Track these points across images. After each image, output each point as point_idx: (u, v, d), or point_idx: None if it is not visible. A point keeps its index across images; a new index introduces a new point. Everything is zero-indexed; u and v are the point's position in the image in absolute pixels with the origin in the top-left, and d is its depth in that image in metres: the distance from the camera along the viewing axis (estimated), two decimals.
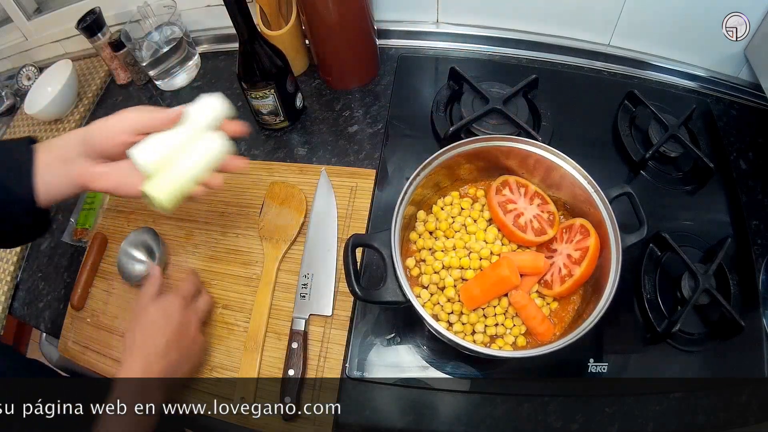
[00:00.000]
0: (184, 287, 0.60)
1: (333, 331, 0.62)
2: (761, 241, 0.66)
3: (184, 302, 0.57)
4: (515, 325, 0.54)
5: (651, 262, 0.63)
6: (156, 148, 0.50)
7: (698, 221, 0.66)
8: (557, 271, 0.55)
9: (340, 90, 0.82)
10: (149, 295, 0.57)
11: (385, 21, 0.85)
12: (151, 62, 0.83)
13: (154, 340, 0.53)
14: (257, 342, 0.62)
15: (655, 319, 0.59)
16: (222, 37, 0.91)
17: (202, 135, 0.52)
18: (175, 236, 0.70)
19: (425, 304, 0.56)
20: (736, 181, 0.70)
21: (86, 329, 0.67)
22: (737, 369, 0.58)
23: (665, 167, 0.71)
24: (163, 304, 0.56)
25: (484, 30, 0.84)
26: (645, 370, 0.58)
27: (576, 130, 0.73)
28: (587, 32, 0.80)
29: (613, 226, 0.53)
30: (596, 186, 0.54)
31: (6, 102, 0.94)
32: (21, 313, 0.73)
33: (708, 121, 0.75)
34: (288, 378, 0.58)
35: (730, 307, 0.57)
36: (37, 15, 0.91)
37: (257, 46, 0.66)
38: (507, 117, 0.70)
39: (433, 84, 0.79)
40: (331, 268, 0.65)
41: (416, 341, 0.60)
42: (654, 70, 0.80)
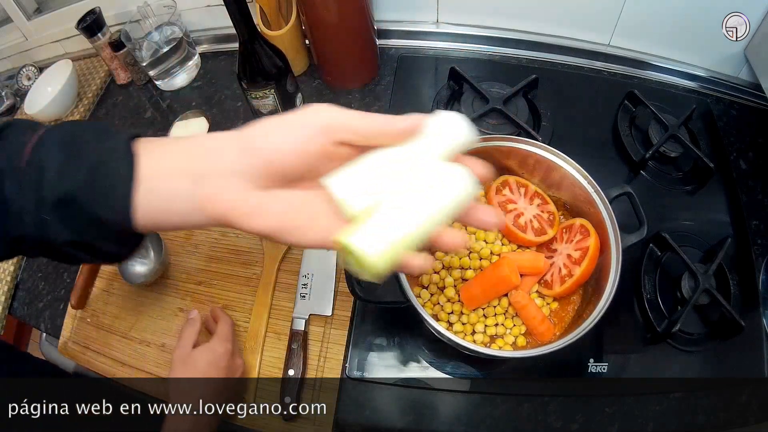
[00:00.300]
0: (224, 331, 0.59)
1: (333, 331, 0.62)
2: (761, 241, 0.66)
3: (228, 345, 0.58)
4: (515, 325, 0.54)
5: (651, 262, 0.63)
6: (368, 179, 0.32)
7: (698, 221, 0.66)
8: (557, 271, 0.55)
9: (340, 90, 0.82)
10: (192, 340, 0.57)
11: (385, 21, 0.85)
12: (151, 62, 0.83)
13: (205, 390, 0.53)
14: (257, 342, 0.62)
15: (655, 319, 0.59)
16: (222, 37, 0.90)
17: (437, 166, 0.33)
18: (175, 236, 0.70)
19: (425, 304, 0.56)
20: (736, 181, 0.70)
21: (86, 329, 0.67)
22: (737, 369, 0.58)
23: (665, 167, 0.71)
24: (211, 356, 0.56)
25: (484, 30, 0.84)
26: (645, 370, 0.58)
27: (576, 130, 0.73)
28: (587, 32, 0.80)
29: (613, 226, 0.53)
30: (596, 186, 0.54)
31: (6, 102, 0.94)
32: (21, 313, 0.73)
33: (708, 121, 0.75)
34: (288, 378, 0.58)
35: (730, 307, 0.57)
36: (37, 15, 0.91)
37: (257, 46, 0.66)
38: (507, 117, 0.70)
39: (433, 84, 0.79)
40: (331, 268, 0.65)
41: (416, 341, 0.60)
42: (654, 70, 0.80)
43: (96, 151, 0.32)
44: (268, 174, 0.31)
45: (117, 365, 0.64)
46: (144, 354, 0.64)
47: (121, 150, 0.32)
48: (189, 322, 0.59)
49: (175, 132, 0.77)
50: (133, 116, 0.86)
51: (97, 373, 0.64)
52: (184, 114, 0.78)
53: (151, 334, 0.65)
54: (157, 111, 0.85)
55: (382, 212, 0.31)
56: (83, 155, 0.32)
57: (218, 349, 0.57)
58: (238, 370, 0.58)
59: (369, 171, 0.32)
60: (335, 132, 0.31)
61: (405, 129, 0.32)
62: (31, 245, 0.34)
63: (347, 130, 0.31)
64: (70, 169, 0.31)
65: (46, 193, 0.31)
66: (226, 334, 0.59)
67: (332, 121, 0.31)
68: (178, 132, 0.77)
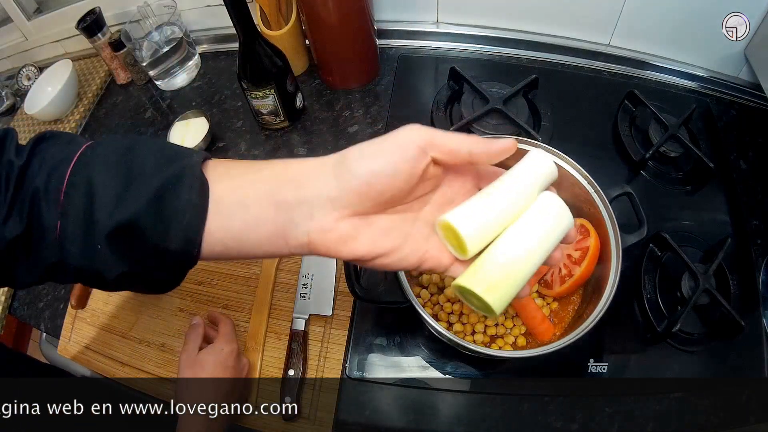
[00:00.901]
0: (227, 331, 0.59)
1: (333, 331, 0.62)
2: (761, 241, 0.66)
3: (234, 345, 0.58)
4: (515, 325, 0.55)
5: (651, 262, 0.63)
6: (484, 215, 0.32)
7: (698, 221, 0.66)
8: (557, 271, 0.55)
9: (340, 90, 0.82)
10: (197, 344, 0.57)
11: (385, 21, 0.85)
12: (151, 62, 0.83)
13: (216, 391, 0.53)
14: (257, 342, 0.62)
15: (655, 319, 0.59)
16: (222, 37, 0.91)
17: (542, 202, 0.34)
18: None
19: (425, 304, 0.56)
20: (736, 181, 0.70)
21: (86, 329, 0.67)
22: (737, 369, 0.58)
23: (665, 167, 0.71)
24: (218, 356, 0.56)
25: (484, 30, 0.84)
26: (645, 370, 0.58)
27: (576, 130, 0.73)
28: (587, 32, 0.80)
29: (613, 226, 0.53)
30: (596, 186, 0.54)
31: (6, 102, 0.94)
32: (21, 313, 0.73)
33: (708, 121, 0.75)
34: (288, 378, 0.58)
35: (730, 307, 0.57)
36: (37, 15, 0.91)
37: (257, 46, 0.66)
38: (507, 117, 0.70)
39: (433, 84, 0.79)
40: (331, 268, 0.65)
41: (416, 341, 0.60)
42: (654, 70, 0.80)
43: (159, 176, 0.29)
44: (363, 199, 0.30)
45: (117, 365, 0.64)
46: (144, 354, 0.64)
47: (190, 175, 0.29)
48: (192, 327, 0.59)
49: (175, 132, 0.77)
50: (133, 116, 0.86)
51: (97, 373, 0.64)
52: (184, 114, 0.78)
53: (151, 334, 0.65)
54: (157, 111, 0.86)
55: (499, 252, 0.32)
56: (144, 180, 0.29)
57: (225, 348, 0.56)
58: (244, 369, 0.58)
59: (484, 207, 0.33)
60: (430, 152, 0.31)
61: (500, 150, 0.32)
62: (71, 274, 0.30)
63: (441, 150, 0.31)
64: (131, 196, 0.28)
65: (98, 220, 0.28)
66: (229, 334, 0.59)
67: (427, 141, 0.31)
68: (177, 132, 0.77)
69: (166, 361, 0.63)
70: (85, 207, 0.28)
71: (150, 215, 0.28)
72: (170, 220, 0.29)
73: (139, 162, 0.30)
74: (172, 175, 0.29)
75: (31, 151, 0.30)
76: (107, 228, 0.28)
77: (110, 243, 0.29)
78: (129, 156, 0.30)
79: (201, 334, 0.58)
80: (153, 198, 0.29)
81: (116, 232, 0.28)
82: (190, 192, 0.29)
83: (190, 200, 0.29)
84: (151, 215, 0.28)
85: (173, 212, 0.29)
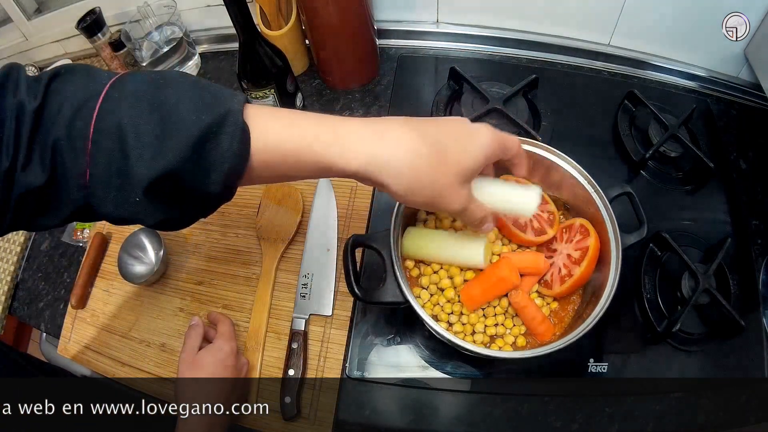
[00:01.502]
0: (227, 330, 0.59)
1: (333, 331, 0.62)
2: (761, 241, 0.66)
3: (233, 344, 0.58)
4: (515, 325, 0.54)
5: (651, 262, 0.63)
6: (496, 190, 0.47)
7: (698, 221, 0.66)
8: (557, 271, 0.55)
9: (340, 90, 0.82)
10: (196, 344, 0.57)
11: (385, 21, 0.85)
12: (151, 62, 0.83)
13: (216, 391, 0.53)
14: (257, 342, 0.62)
15: (655, 319, 0.59)
16: (222, 37, 0.90)
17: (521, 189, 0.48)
18: (175, 236, 0.70)
19: (425, 304, 0.56)
20: (736, 181, 0.70)
21: (86, 329, 0.67)
22: (737, 369, 0.58)
23: (665, 167, 0.71)
24: (218, 355, 0.56)
25: (484, 30, 0.84)
26: (645, 370, 0.58)
27: (576, 130, 0.73)
28: (587, 32, 0.80)
29: (613, 226, 0.53)
30: (596, 186, 0.54)
31: None
32: (21, 313, 0.73)
33: (708, 121, 0.75)
34: (288, 378, 0.58)
35: (730, 307, 0.57)
36: (37, 15, 0.91)
37: (257, 46, 0.66)
38: (507, 117, 0.70)
39: (433, 84, 0.79)
40: (331, 268, 0.65)
41: (416, 341, 0.60)
42: (654, 70, 0.80)
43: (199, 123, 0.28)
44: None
45: (117, 365, 0.64)
46: (144, 354, 0.64)
47: (232, 123, 0.28)
48: (191, 327, 0.59)
49: None
50: None
51: (97, 373, 0.64)
52: None
53: (151, 334, 0.65)
54: None
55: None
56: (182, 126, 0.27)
57: (224, 347, 0.56)
58: (243, 368, 0.58)
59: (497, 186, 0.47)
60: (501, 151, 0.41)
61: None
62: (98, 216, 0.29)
63: (505, 149, 0.41)
64: (168, 145, 0.27)
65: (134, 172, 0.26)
66: (229, 334, 0.59)
67: (500, 142, 0.40)
68: None
69: (166, 361, 0.63)
70: (118, 156, 0.27)
71: (189, 164, 0.28)
72: (210, 168, 0.28)
73: (172, 103, 0.28)
74: (212, 122, 0.28)
75: (46, 90, 0.27)
76: (145, 181, 0.27)
77: (147, 194, 0.27)
78: (161, 96, 0.28)
79: (201, 334, 0.58)
80: (192, 146, 0.27)
81: (154, 184, 0.27)
82: (232, 141, 0.28)
83: (231, 148, 0.28)
84: (190, 164, 0.28)
85: (214, 160, 0.28)
